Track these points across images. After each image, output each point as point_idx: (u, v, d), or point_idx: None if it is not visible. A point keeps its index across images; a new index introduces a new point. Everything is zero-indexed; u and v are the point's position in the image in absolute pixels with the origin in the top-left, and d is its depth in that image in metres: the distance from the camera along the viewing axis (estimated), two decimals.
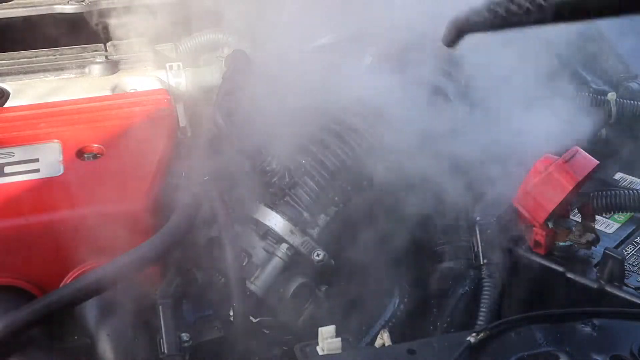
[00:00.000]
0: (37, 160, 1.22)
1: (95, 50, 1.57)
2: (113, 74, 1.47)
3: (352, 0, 1.55)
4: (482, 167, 1.27)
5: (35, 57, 1.54)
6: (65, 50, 1.56)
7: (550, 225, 1.18)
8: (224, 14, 1.63)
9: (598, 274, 1.14)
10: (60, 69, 1.49)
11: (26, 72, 1.47)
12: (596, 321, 1.00)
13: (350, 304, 1.39)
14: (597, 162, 1.19)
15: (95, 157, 1.25)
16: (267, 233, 1.27)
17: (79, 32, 1.65)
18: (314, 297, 1.28)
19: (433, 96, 1.42)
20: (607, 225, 1.28)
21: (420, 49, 1.47)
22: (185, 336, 1.08)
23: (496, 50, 1.40)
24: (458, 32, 0.81)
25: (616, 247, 1.24)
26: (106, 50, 1.57)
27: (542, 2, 0.67)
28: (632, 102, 1.59)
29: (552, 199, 1.14)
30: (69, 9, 1.61)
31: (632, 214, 1.29)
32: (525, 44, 1.41)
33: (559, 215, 1.18)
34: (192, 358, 1.08)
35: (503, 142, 1.29)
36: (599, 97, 1.58)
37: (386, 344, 0.99)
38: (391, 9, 1.51)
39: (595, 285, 1.14)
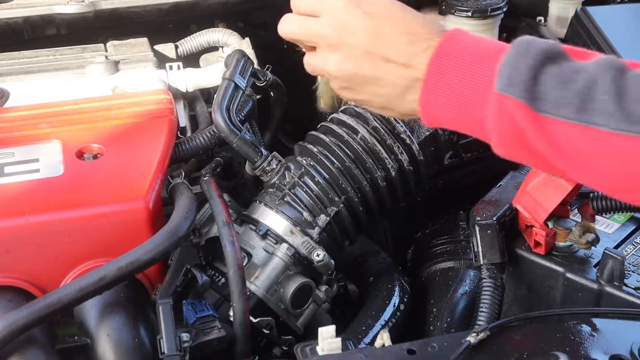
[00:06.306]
0: (37, 160, 1.22)
1: (95, 50, 1.56)
2: (113, 74, 1.46)
3: None
4: None
5: (35, 57, 1.53)
6: (65, 50, 1.56)
7: (550, 225, 1.18)
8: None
9: (598, 274, 1.14)
10: (60, 69, 1.48)
11: (26, 72, 1.47)
12: (596, 321, 1.00)
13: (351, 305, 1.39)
14: None
15: (95, 157, 1.24)
16: (267, 233, 1.27)
17: (79, 32, 1.65)
18: (314, 297, 1.28)
19: None
20: (607, 225, 1.28)
21: None
22: (185, 336, 1.08)
23: None
24: None
25: (616, 247, 1.24)
26: (106, 50, 1.57)
27: None
28: None
29: (552, 199, 1.14)
30: (69, 9, 1.60)
31: (632, 214, 1.29)
32: None
33: (559, 215, 1.18)
34: (192, 358, 1.08)
35: None
36: None
37: (386, 344, 0.99)
38: None
39: (595, 285, 1.14)
